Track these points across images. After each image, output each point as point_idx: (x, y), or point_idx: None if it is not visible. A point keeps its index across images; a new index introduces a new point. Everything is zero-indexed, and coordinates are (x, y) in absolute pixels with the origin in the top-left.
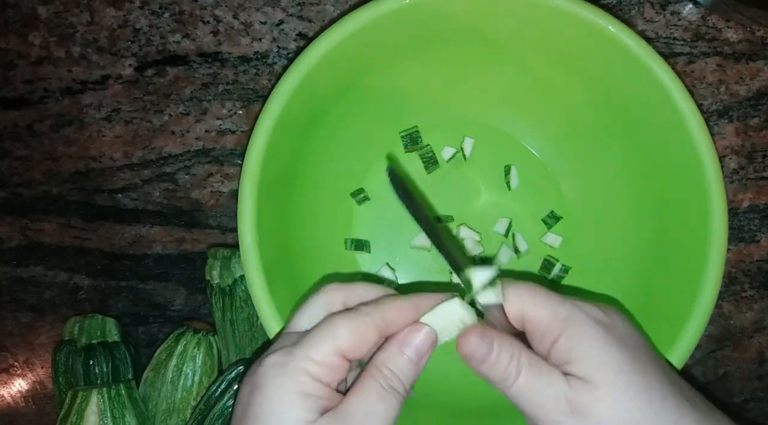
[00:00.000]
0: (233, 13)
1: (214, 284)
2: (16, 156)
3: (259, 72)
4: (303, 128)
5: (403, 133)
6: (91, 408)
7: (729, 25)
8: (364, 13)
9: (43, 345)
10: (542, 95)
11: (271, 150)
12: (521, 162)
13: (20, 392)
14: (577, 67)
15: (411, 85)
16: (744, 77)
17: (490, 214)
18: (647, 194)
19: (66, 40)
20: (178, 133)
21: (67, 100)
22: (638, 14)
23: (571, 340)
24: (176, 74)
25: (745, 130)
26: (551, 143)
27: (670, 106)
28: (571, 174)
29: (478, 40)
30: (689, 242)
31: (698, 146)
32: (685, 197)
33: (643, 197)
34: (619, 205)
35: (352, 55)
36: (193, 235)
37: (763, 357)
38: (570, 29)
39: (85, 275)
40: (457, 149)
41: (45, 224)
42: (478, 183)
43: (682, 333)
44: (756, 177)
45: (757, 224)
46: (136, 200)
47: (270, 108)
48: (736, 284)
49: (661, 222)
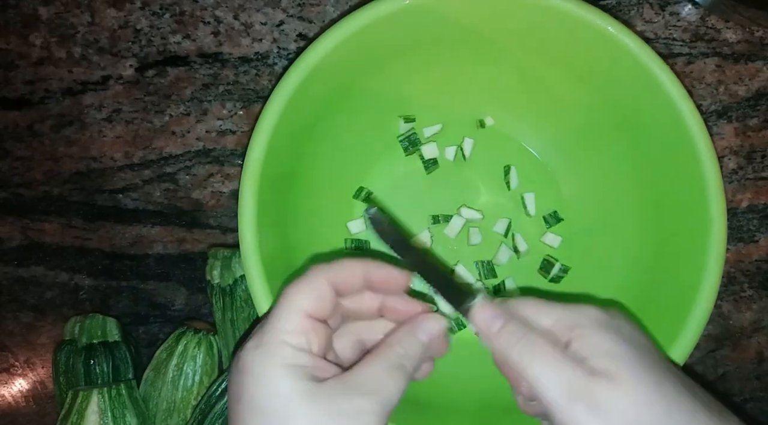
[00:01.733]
0: (234, 14)
1: (215, 284)
2: (17, 156)
3: (260, 73)
4: (303, 129)
5: (401, 137)
6: (91, 407)
7: (728, 26)
8: (364, 15)
9: (44, 345)
10: (541, 96)
11: (272, 150)
12: (521, 162)
13: (21, 392)
14: (576, 68)
15: (410, 85)
16: (743, 78)
17: (490, 214)
18: (647, 194)
19: (67, 40)
20: (178, 133)
21: (67, 100)
22: (637, 15)
23: (580, 343)
24: (177, 75)
25: (744, 130)
26: (551, 143)
27: (668, 106)
28: (571, 175)
29: (476, 41)
30: (689, 242)
31: (697, 146)
32: (685, 197)
33: (642, 197)
34: (618, 205)
35: (352, 56)
36: (194, 235)
37: (762, 356)
38: (569, 30)
39: (85, 275)
40: (457, 146)
41: (46, 225)
42: (477, 183)
43: (682, 332)
44: (755, 177)
45: (756, 224)
46: (136, 200)
47: (270, 109)
48: (735, 284)
49: (661, 222)
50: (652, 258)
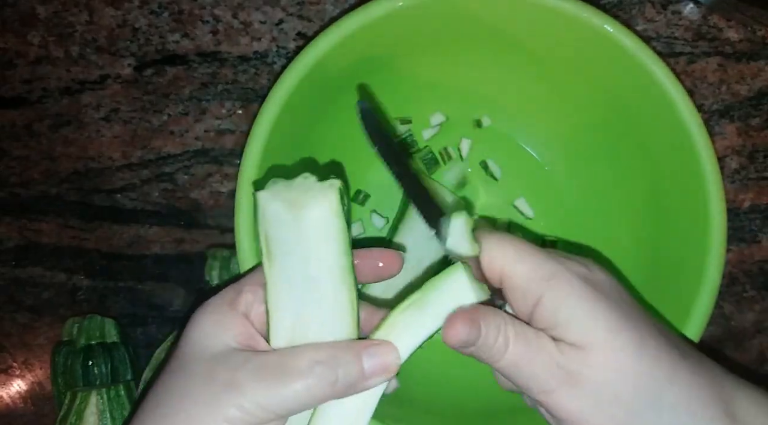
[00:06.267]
0: (232, 13)
1: (214, 285)
2: (14, 156)
3: (259, 72)
4: (300, 132)
5: (398, 139)
6: (90, 408)
7: (730, 25)
8: (359, 16)
9: (42, 346)
10: (540, 95)
11: (268, 155)
12: (519, 163)
13: (19, 393)
14: (574, 67)
15: (407, 87)
16: (745, 77)
17: (490, 214)
18: (646, 192)
19: (65, 39)
20: (177, 133)
21: (65, 99)
22: (639, 14)
23: (556, 301)
24: (175, 74)
25: (746, 130)
26: (548, 143)
27: (664, 100)
28: (569, 174)
29: (473, 42)
30: (688, 240)
31: (695, 143)
32: (684, 198)
33: (641, 195)
34: (617, 205)
35: (349, 58)
36: (192, 235)
37: (764, 357)
38: (566, 29)
39: (83, 275)
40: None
41: (43, 224)
42: (477, 185)
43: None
44: (757, 177)
45: (759, 224)
46: (134, 200)
47: (266, 113)
48: (737, 285)
49: (660, 221)
50: (651, 254)
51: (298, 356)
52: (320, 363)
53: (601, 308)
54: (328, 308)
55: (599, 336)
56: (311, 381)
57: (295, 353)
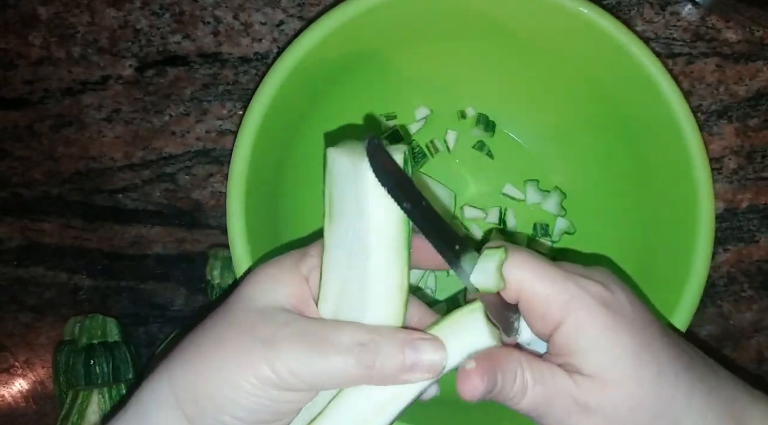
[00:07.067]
0: (233, 14)
1: (215, 284)
2: (16, 156)
3: (260, 73)
4: (288, 130)
5: (385, 134)
6: (92, 407)
7: (728, 26)
8: (342, 12)
9: (44, 345)
10: (528, 86)
11: (256, 161)
12: (507, 153)
13: (21, 392)
14: (564, 60)
15: (391, 81)
16: (743, 78)
17: (480, 204)
18: (635, 180)
19: (66, 40)
20: (178, 133)
21: (67, 100)
22: (638, 14)
23: (575, 329)
24: (176, 75)
25: (744, 130)
26: (538, 134)
27: (653, 92)
28: (558, 162)
29: (454, 31)
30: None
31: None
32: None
33: (630, 183)
34: (606, 192)
35: (333, 53)
36: (194, 235)
37: (763, 357)
38: (555, 22)
39: (85, 275)
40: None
41: (45, 225)
42: (465, 176)
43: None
44: (755, 177)
45: (757, 224)
46: (136, 200)
47: (252, 114)
48: (735, 285)
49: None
50: (642, 241)
51: (341, 331)
52: (362, 344)
53: (621, 340)
54: (378, 283)
55: (618, 370)
56: (349, 359)
57: (339, 327)
